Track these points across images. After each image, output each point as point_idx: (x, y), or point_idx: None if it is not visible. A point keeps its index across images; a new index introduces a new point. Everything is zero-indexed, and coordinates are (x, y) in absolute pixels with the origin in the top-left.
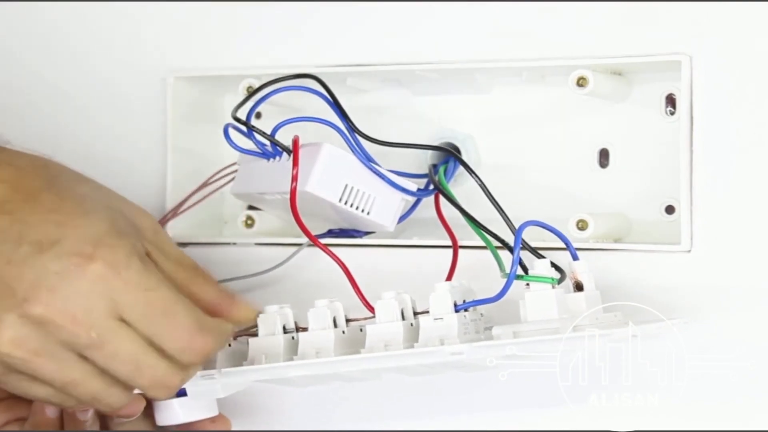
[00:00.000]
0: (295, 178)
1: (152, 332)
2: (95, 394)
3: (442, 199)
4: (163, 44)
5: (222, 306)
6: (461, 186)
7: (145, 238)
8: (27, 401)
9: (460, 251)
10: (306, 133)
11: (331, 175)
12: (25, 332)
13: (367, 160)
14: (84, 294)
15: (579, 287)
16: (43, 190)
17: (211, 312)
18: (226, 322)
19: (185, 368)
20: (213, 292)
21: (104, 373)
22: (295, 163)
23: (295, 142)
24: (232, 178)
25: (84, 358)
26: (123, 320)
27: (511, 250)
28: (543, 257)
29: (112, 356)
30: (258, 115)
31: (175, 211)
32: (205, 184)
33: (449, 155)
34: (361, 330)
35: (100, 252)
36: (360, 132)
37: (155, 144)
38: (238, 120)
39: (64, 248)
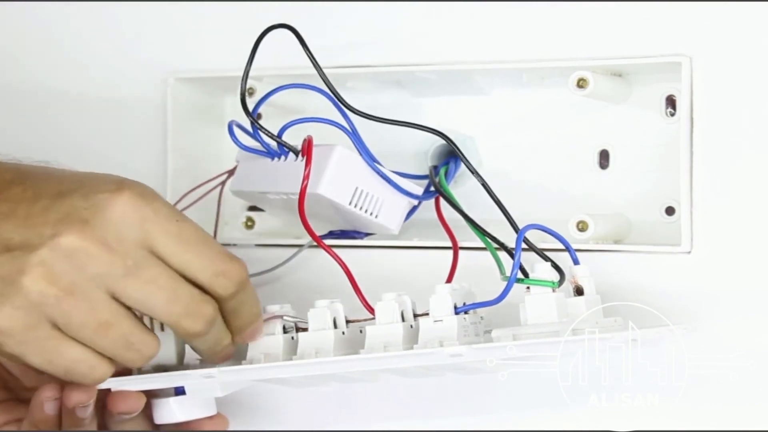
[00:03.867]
0: (306, 178)
1: (185, 261)
2: (128, 336)
3: (442, 201)
4: (163, 46)
5: None
6: (461, 187)
7: None
8: (26, 403)
9: (461, 252)
10: (306, 134)
11: (342, 177)
12: (57, 266)
13: (372, 161)
14: (117, 222)
15: (579, 291)
16: (48, 170)
17: None
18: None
19: (215, 300)
20: None
21: (133, 316)
22: (308, 164)
23: (309, 142)
24: None
25: (114, 298)
26: (153, 252)
27: (511, 254)
28: (548, 258)
29: (148, 282)
30: (258, 116)
31: None
32: (205, 183)
33: (450, 156)
34: (360, 331)
35: (127, 185)
36: (347, 105)
37: (155, 145)
38: (250, 118)
39: (88, 189)
